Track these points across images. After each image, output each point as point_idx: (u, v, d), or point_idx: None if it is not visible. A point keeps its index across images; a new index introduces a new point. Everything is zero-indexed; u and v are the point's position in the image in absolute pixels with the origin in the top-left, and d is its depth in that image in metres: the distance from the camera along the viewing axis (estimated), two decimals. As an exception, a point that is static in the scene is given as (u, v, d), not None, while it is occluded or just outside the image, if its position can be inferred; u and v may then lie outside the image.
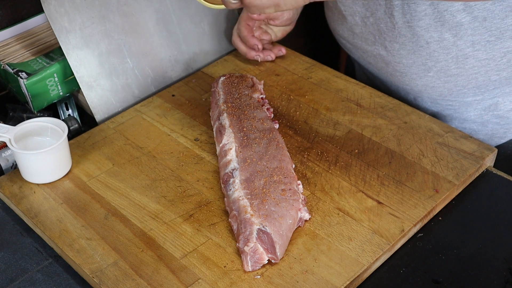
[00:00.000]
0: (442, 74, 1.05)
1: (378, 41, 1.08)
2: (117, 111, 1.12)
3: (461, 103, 1.09)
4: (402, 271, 0.84)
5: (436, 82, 1.06)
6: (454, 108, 1.10)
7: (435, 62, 1.04)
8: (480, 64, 1.02)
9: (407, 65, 1.07)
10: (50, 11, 1.04)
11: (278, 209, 0.84)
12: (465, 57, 1.01)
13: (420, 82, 1.08)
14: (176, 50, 1.19)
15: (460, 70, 1.03)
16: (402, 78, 1.09)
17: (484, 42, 0.99)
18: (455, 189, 0.92)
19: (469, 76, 1.04)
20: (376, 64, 1.13)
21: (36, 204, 0.92)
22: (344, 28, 1.15)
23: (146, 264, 0.83)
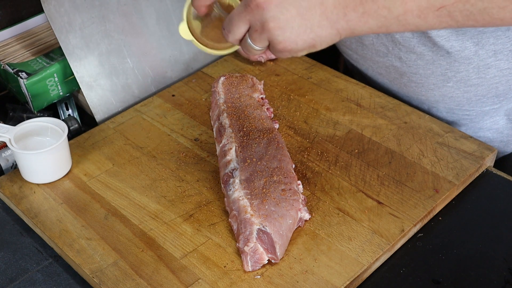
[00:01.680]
0: (462, 84, 1.02)
1: (391, 52, 1.06)
2: (117, 111, 1.12)
3: (478, 112, 1.06)
4: (402, 271, 0.84)
5: (455, 92, 1.03)
6: (471, 118, 1.07)
7: (456, 72, 1.00)
8: (501, 73, 0.99)
9: (424, 75, 1.03)
10: (50, 11, 1.04)
11: (278, 209, 0.84)
12: (487, 66, 0.98)
13: (437, 92, 1.05)
14: (176, 50, 1.19)
15: (481, 80, 1.00)
16: (418, 88, 1.06)
17: (506, 52, 0.97)
18: (455, 189, 0.92)
19: (489, 85, 1.01)
20: (388, 75, 1.10)
21: (36, 204, 0.92)
22: (352, 39, 1.13)
23: (146, 264, 0.83)
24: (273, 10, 0.68)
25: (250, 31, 0.71)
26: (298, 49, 0.71)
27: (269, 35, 0.69)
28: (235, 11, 0.71)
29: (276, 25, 0.68)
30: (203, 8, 0.75)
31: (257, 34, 0.70)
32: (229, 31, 0.72)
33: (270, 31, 0.69)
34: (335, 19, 0.68)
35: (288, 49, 0.70)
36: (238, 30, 0.71)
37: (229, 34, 0.72)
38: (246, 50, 0.74)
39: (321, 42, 0.71)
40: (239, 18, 0.70)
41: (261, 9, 0.68)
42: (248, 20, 0.70)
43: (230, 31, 0.72)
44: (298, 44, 0.70)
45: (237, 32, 0.72)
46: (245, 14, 0.70)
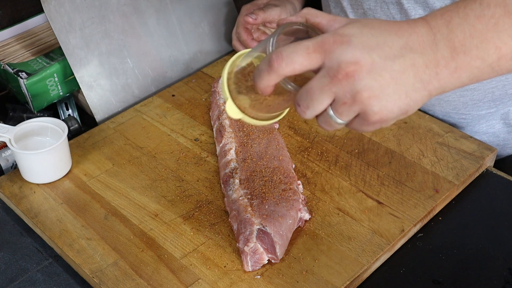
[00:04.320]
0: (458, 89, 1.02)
1: None
2: (117, 111, 1.12)
3: (474, 116, 1.06)
4: (402, 271, 0.84)
5: (451, 96, 1.03)
6: (467, 121, 1.07)
7: None
8: (498, 78, 0.99)
9: None
10: (50, 11, 1.04)
11: (278, 209, 0.84)
12: None
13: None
14: (176, 50, 1.19)
15: (477, 85, 1.00)
16: None
17: None
18: (455, 189, 0.92)
19: (485, 90, 1.01)
20: None
21: (36, 204, 0.92)
22: None
23: (146, 264, 0.83)
24: (366, 78, 0.58)
25: (336, 104, 0.60)
26: (392, 118, 0.61)
27: (362, 107, 0.60)
28: (315, 83, 0.60)
29: (371, 94, 0.59)
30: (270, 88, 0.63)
31: (346, 107, 0.60)
32: (307, 107, 0.62)
33: (363, 102, 0.59)
34: (427, 79, 0.60)
35: (384, 119, 0.61)
36: (320, 105, 0.61)
37: (307, 111, 0.62)
38: (325, 124, 0.63)
39: (414, 107, 0.62)
40: (321, 91, 0.60)
41: (352, 79, 0.58)
42: (334, 93, 0.60)
43: (309, 107, 0.61)
44: (394, 112, 0.60)
45: (318, 107, 0.61)
46: (330, 86, 0.59)
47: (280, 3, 1.17)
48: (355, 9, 1.08)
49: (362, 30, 0.60)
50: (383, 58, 0.59)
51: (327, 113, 0.62)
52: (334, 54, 0.59)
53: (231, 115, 0.68)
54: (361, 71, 0.58)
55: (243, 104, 0.68)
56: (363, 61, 0.58)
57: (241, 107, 0.68)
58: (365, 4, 1.05)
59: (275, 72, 0.61)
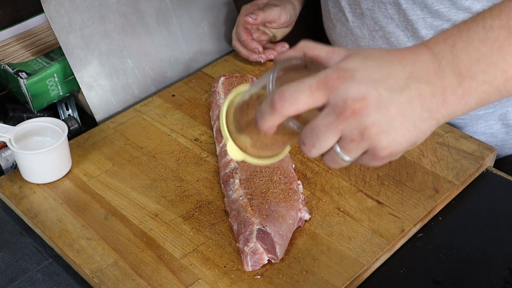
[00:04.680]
0: None
1: None
2: (117, 111, 1.12)
3: (472, 116, 1.06)
4: (402, 271, 0.84)
5: None
6: (465, 122, 1.07)
7: None
8: None
9: None
10: (50, 11, 1.04)
11: (278, 209, 0.84)
12: None
13: None
14: (176, 50, 1.19)
15: None
16: None
17: None
18: (455, 189, 0.92)
19: None
20: None
21: (36, 204, 0.92)
22: (348, 41, 1.13)
23: (146, 264, 0.83)
24: (373, 114, 0.57)
25: (344, 142, 0.59)
26: (401, 151, 0.60)
27: (370, 143, 0.58)
28: (320, 121, 0.58)
29: (379, 130, 0.57)
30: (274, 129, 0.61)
31: (354, 144, 0.58)
32: (313, 146, 0.59)
33: (372, 138, 0.57)
34: (435, 108, 0.59)
35: (393, 153, 0.59)
36: (326, 143, 0.59)
37: (313, 149, 0.60)
38: (332, 162, 0.61)
39: (422, 137, 0.60)
40: (328, 129, 0.58)
41: (359, 115, 0.57)
42: (341, 130, 0.58)
43: (315, 146, 0.59)
44: (402, 145, 0.59)
45: (324, 146, 0.59)
46: (336, 124, 0.57)
47: (280, 3, 1.17)
48: (353, 9, 1.08)
49: (364, 63, 0.58)
50: (389, 91, 0.57)
51: (334, 150, 0.60)
52: (339, 91, 0.57)
53: (233, 157, 0.66)
54: (368, 107, 0.57)
55: (245, 144, 0.66)
56: (369, 96, 0.57)
57: (243, 147, 0.66)
58: (363, 4, 1.05)
59: (279, 113, 0.58)
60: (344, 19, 1.11)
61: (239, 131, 0.65)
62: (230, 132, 0.65)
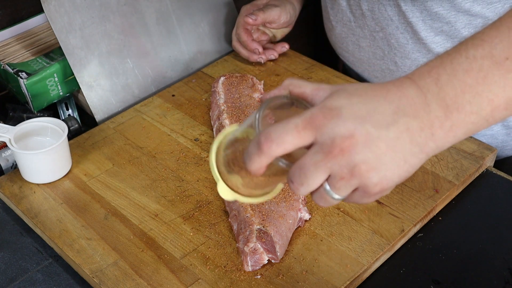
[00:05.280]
0: None
1: (387, 55, 1.05)
2: (117, 111, 1.12)
3: None
4: (402, 271, 0.84)
5: None
6: None
7: None
8: None
9: None
10: (50, 11, 1.04)
11: (278, 209, 0.84)
12: None
13: None
14: (176, 50, 1.19)
15: None
16: None
17: None
18: (455, 189, 0.92)
19: None
20: (384, 78, 1.10)
21: (36, 204, 0.92)
22: (348, 42, 1.13)
23: (146, 264, 0.83)
24: (362, 152, 0.56)
25: (333, 180, 0.58)
26: (392, 186, 0.59)
27: (361, 180, 0.57)
28: (308, 160, 0.58)
29: (369, 167, 0.57)
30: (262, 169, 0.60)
31: (344, 182, 0.58)
32: (301, 184, 0.59)
33: (362, 176, 0.57)
34: (423, 142, 0.58)
35: (385, 188, 0.58)
36: (315, 182, 0.58)
37: (301, 188, 0.59)
38: (322, 201, 0.60)
39: (412, 172, 0.59)
40: (316, 168, 0.57)
41: (348, 153, 0.56)
42: (330, 168, 0.57)
43: (303, 184, 0.59)
44: (393, 181, 0.58)
45: (313, 184, 0.59)
46: (325, 162, 0.57)
47: (280, 3, 1.17)
48: (353, 10, 1.08)
49: (350, 99, 0.58)
50: (377, 127, 0.57)
51: (323, 188, 0.59)
52: (326, 129, 0.57)
53: (224, 197, 0.65)
54: (357, 144, 0.56)
55: (236, 184, 0.65)
56: (357, 133, 0.56)
57: (234, 187, 0.65)
58: (363, 5, 1.05)
59: (266, 154, 0.58)
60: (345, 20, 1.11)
61: (229, 172, 0.64)
62: (220, 173, 0.65)
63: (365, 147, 0.56)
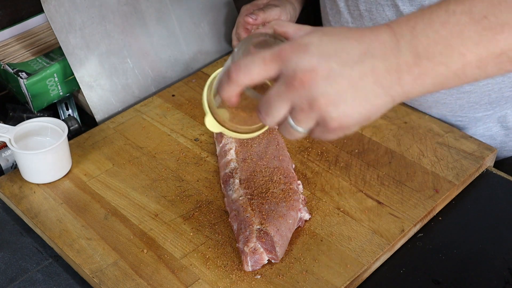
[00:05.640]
0: (454, 91, 1.01)
1: None
2: (117, 111, 1.12)
3: (471, 119, 1.06)
4: (402, 271, 0.84)
5: (448, 98, 1.03)
6: (464, 124, 1.07)
7: None
8: (494, 81, 0.99)
9: None
10: (50, 11, 1.04)
11: (278, 209, 0.84)
12: None
13: (430, 98, 1.04)
14: (176, 50, 1.19)
15: (473, 87, 1.00)
16: None
17: None
18: (455, 189, 0.92)
19: (482, 93, 1.00)
20: None
21: (36, 204, 0.92)
22: None
23: (146, 264, 0.83)
24: (322, 85, 0.58)
25: (294, 112, 0.61)
26: (353, 124, 0.61)
27: (319, 114, 0.60)
28: (273, 91, 0.61)
29: (328, 101, 0.59)
30: (234, 98, 0.64)
31: (304, 115, 0.60)
32: (266, 115, 0.62)
33: (320, 109, 0.59)
34: (389, 85, 0.60)
35: (344, 125, 0.60)
36: (278, 112, 0.61)
37: (267, 118, 0.62)
38: (286, 133, 0.63)
39: (376, 113, 0.61)
40: (279, 98, 0.60)
41: (308, 86, 0.58)
42: (291, 100, 0.60)
43: (268, 115, 0.62)
44: (353, 118, 0.60)
45: (277, 115, 0.61)
46: (286, 94, 0.60)
47: (280, 3, 1.17)
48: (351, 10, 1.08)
49: (321, 38, 0.60)
50: (341, 65, 0.59)
51: (287, 121, 0.62)
52: (291, 62, 0.59)
53: (211, 129, 0.70)
54: (317, 78, 0.58)
55: (223, 118, 0.69)
56: (319, 68, 0.58)
57: (221, 121, 0.69)
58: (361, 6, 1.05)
59: (234, 82, 0.61)
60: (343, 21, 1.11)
61: (218, 106, 0.69)
62: (210, 107, 0.69)
63: (325, 81, 0.58)
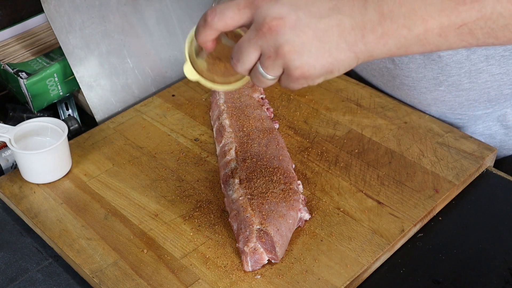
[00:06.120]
0: (453, 88, 1.01)
1: None
2: (117, 111, 1.12)
3: (470, 117, 1.06)
4: (402, 271, 0.84)
5: (447, 96, 1.03)
6: (463, 122, 1.07)
7: (447, 76, 1.00)
8: (493, 78, 0.99)
9: (416, 79, 1.03)
10: (50, 11, 1.04)
11: (278, 209, 0.84)
12: (479, 71, 0.98)
13: (429, 96, 1.04)
14: (176, 50, 1.19)
15: (472, 85, 1.00)
16: (410, 92, 1.06)
17: (498, 57, 0.96)
18: (455, 189, 0.92)
19: (481, 90, 1.00)
20: (381, 77, 1.09)
21: (36, 204, 0.92)
22: None
23: (146, 264, 0.83)
24: (288, 33, 0.62)
25: (262, 58, 0.64)
26: (315, 75, 0.64)
27: (284, 61, 0.63)
28: (244, 37, 0.64)
29: (292, 49, 0.62)
30: (209, 43, 0.68)
31: (270, 61, 0.64)
32: (238, 60, 0.66)
33: (285, 56, 0.63)
34: (353, 41, 0.63)
35: (306, 75, 0.64)
36: (248, 58, 0.65)
37: (238, 64, 0.66)
38: (256, 80, 0.67)
39: (339, 67, 0.64)
40: (249, 44, 0.64)
41: (275, 33, 0.62)
42: (260, 46, 0.64)
43: (239, 60, 0.65)
44: (316, 69, 0.63)
45: (247, 61, 0.65)
46: (256, 40, 0.63)
47: None
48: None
49: None
50: (308, 16, 0.62)
51: (256, 68, 0.65)
52: (262, 10, 0.63)
53: (189, 77, 0.72)
54: (284, 26, 0.62)
55: (201, 68, 0.72)
56: (287, 17, 0.62)
57: (199, 70, 0.72)
58: None
59: (210, 26, 0.65)
60: None
61: (197, 56, 0.72)
62: (190, 56, 0.72)
63: (292, 30, 0.62)
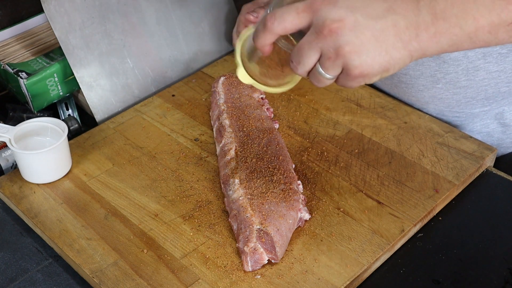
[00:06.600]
0: (451, 86, 1.02)
1: None
2: (117, 111, 1.12)
3: (468, 114, 1.06)
4: (402, 271, 0.84)
5: (445, 93, 1.03)
6: (461, 120, 1.07)
7: (445, 74, 1.00)
8: (490, 76, 0.99)
9: (414, 76, 1.03)
10: (50, 11, 1.04)
11: (278, 209, 0.84)
12: (476, 69, 0.98)
13: (427, 93, 1.05)
14: (176, 50, 1.19)
15: (470, 82, 1.00)
16: (408, 89, 1.06)
17: (495, 54, 0.96)
18: (455, 189, 0.92)
19: (478, 88, 1.01)
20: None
21: (36, 204, 0.92)
22: None
23: (146, 264, 0.83)
24: (348, 35, 0.64)
25: (322, 59, 0.67)
26: (373, 73, 0.67)
27: (344, 61, 0.66)
28: (304, 40, 0.67)
29: (352, 49, 0.65)
30: (267, 47, 0.70)
31: (331, 62, 0.66)
32: (298, 63, 0.68)
33: (345, 56, 0.65)
34: (407, 40, 0.66)
35: (365, 73, 0.66)
36: (309, 60, 0.67)
37: (299, 66, 0.68)
38: (316, 81, 0.69)
39: (394, 65, 0.67)
40: (309, 47, 0.66)
41: (335, 35, 0.65)
42: (320, 48, 0.66)
43: (300, 63, 0.68)
44: (374, 68, 0.66)
45: (307, 63, 0.68)
46: (316, 42, 0.66)
47: None
48: None
49: None
50: (366, 18, 0.65)
51: (316, 68, 0.68)
52: (321, 13, 0.65)
53: (242, 80, 0.74)
54: (344, 28, 0.64)
55: (254, 72, 0.74)
56: (346, 19, 0.64)
57: (252, 74, 0.74)
58: None
59: (269, 31, 0.67)
60: None
61: (249, 60, 0.73)
62: (242, 60, 0.74)
63: (351, 31, 0.65)
